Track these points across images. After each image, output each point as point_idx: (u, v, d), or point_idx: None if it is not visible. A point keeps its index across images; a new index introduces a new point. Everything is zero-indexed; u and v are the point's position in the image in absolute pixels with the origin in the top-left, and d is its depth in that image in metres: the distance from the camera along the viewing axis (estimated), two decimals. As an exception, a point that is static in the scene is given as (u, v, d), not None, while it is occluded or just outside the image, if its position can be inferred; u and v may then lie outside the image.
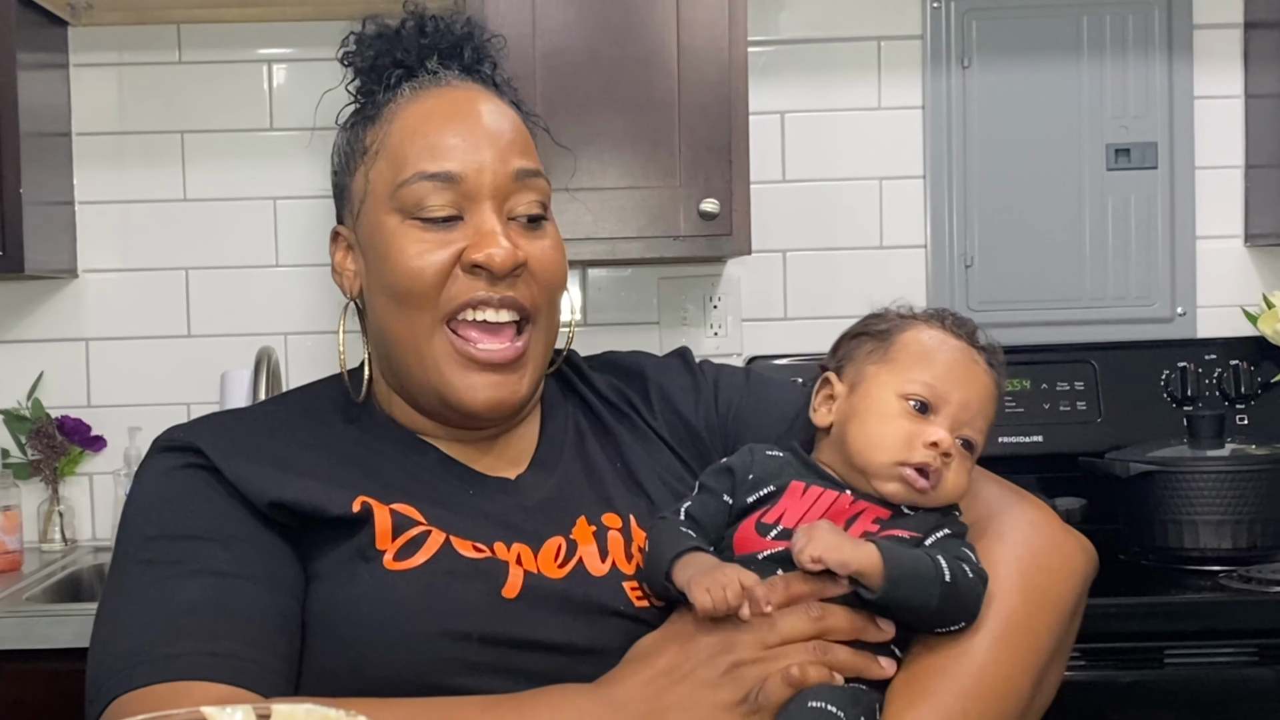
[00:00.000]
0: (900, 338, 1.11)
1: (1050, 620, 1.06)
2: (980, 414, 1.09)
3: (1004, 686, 1.01)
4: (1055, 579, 1.08)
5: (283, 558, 1.05)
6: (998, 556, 1.07)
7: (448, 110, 1.12)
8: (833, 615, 1.00)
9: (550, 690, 0.99)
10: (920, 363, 1.09)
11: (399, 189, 1.10)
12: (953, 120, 2.54)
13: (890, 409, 1.08)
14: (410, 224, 1.09)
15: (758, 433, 1.17)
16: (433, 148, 1.10)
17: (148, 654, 0.97)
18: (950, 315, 1.15)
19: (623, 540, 1.09)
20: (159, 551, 1.04)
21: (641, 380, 1.23)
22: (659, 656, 1.00)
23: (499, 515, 1.09)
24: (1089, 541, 1.15)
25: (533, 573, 1.05)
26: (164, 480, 1.08)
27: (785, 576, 1.02)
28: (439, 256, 1.08)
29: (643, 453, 1.17)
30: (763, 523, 1.06)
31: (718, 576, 0.98)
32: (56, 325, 2.54)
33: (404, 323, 1.10)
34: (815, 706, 0.95)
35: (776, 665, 0.97)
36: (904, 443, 1.06)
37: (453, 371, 1.09)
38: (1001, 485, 1.17)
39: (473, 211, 1.09)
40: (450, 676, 1.00)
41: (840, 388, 1.12)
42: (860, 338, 1.14)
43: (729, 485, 1.08)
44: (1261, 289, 2.48)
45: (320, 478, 1.07)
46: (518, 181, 1.11)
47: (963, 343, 1.12)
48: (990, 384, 1.11)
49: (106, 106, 2.53)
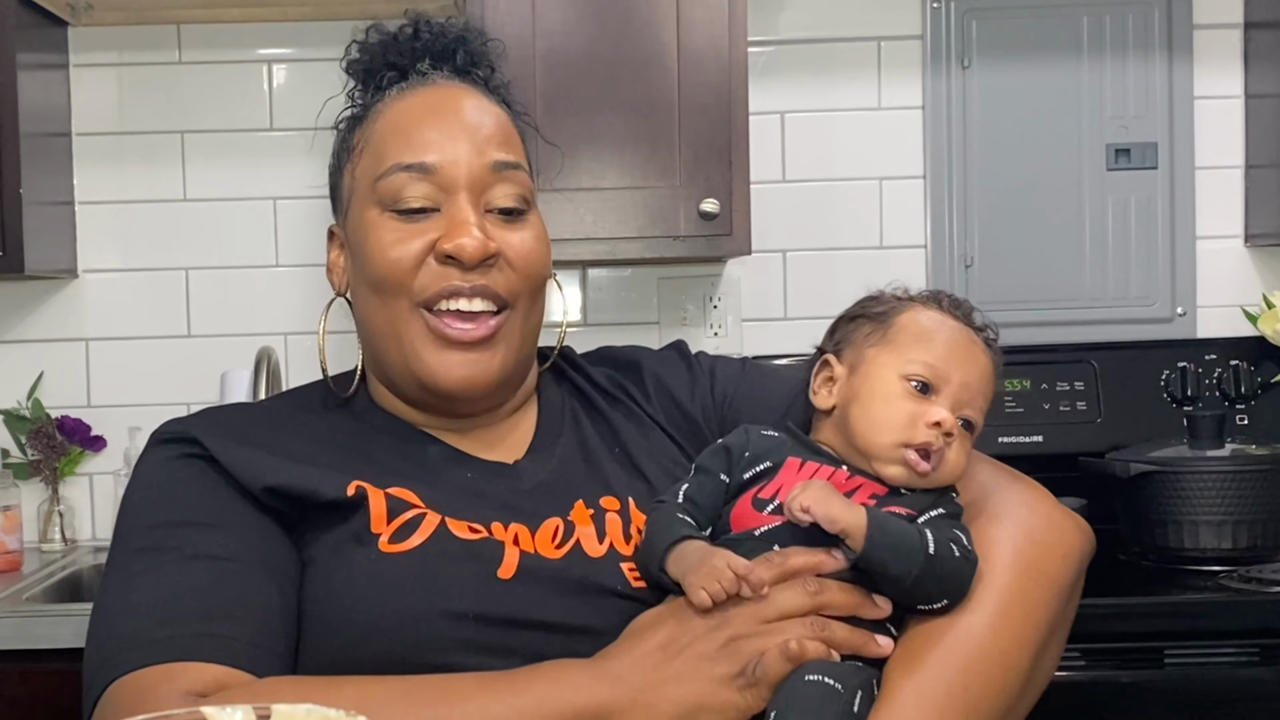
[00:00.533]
0: (898, 319, 1.12)
1: (1046, 595, 1.06)
2: (980, 394, 1.10)
3: (1001, 660, 1.01)
4: (1051, 555, 1.09)
5: (279, 542, 1.06)
6: (993, 535, 1.07)
7: (429, 106, 1.14)
8: (829, 590, 1.01)
9: (547, 665, 0.99)
10: (920, 343, 1.10)
11: (377, 181, 1.11)
12: (953, 120, 2.54)
13: (892, 390, 1.08)
14: (387, 215, 1.11)
15: (753, 418, 1.18)
16: (410, 140, 1.11)
17: (143, 637, 0.98)
18: (947, 296, 1.15)
19: (621, 522, 1.10)
20: (155, 539, 1.04)
21: (637, 370, 1.24)
22: (656, 631, 1.00)
23: (496, 497, 1.10)
24: (1086, 522, 1.15)
25: (529, 553, 1.05)
26: (160, 471, 1.09)
27: (780, 552, 1.02)
28: (413, 247, 1.10)
29: (640, 438, 1.18)
30: (759, 498, 1.07)
31: (709, 570, 0.98)
32: (56, 325, 2.54)
33: (383, 311, 1.12)
34: (813, 680, 0.95)
35: (774, 639, 0.97)
36: (907, 423, 1.06)
37: (426, 351, 1.10)
38: (998, 468, 1.17)
39: (448, 203, 1.11)
40: (447, 656, 1.00)
41: (840, 370, 1.13)
42: (858, 320, 1.15)
43: (725, 464, 1.09)
44: (1261, 289, 2.48)
45: (315, 463, 1.08)
46: (495, 173, 1.12)
47: (960, 323, 1.12)
48: (988, 364, 1.12)
49: (106, 106, 2.53)
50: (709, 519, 1.07)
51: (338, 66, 1.21)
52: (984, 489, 1.13)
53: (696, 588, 0.98)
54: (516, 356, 1.14)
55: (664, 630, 1.00)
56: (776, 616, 0.99)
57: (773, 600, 0.99)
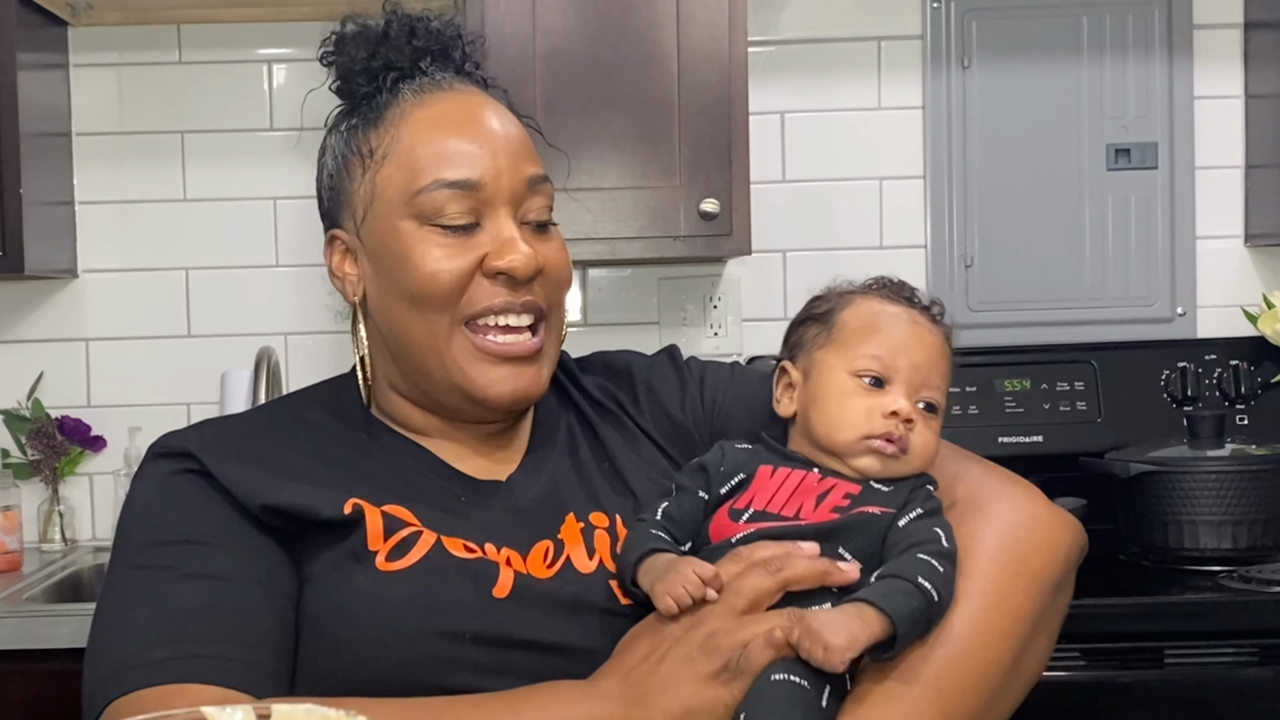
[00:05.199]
0: (840, 316, 1.13)
1: (1030, 589, 1.06)
2: (934, 372, 1.10)
3: (981, 653, 1.01)
4: (1037, 550, 1.08)
5: (276, 560, 1.05)
6: (975, 528, 1.07)
7: (458, 116, 1.13)
8: (792, 565, 1.00)
9: (542, 686, 0.99)
10: (864, 337, 1.10)
11: (416, 196, 1.10)
12: (953, 120, 2.54)
13: (845, 388, 1.09)
14: (429, 229, 1.10)
15: (741, 424, 1.18)
16: (448, 154, 1.11)
17: (142, 658, 0.98)
18: (887, 282, 1.16)
19: (609, 539, 1.10)
20: (153, 557, 1.04)
21: (629, 379, 1.25)
22: (638, 645, 1.01)
23: (490, 519, 1.10)
24: (1077, 520, 1.15)
25: (522, 573, 1.06)
26: (158, 486, 1.09)
27: (746, 547, 1.02)
28: (461, 263, 1.10)
29: (630, 453, 1.19)
30: (735, 509, 1.07)
31: (674, 576, 0.99)
32: (56, 325, 2.54)
33: (422, 325, 1.11)
34: (780, 679, 0.95)
35: (752, 630, 0.97)
36: (864, 417, 1.07)
37: (474, 368, 1.11)
38: (989, 468, 1.17)
39: (490, 218, 1.11)
40: (444, 676, 1.00)
41: (796, 375, 1.14)
42: (806, 323, 1.16)
43: (703, 482, 1.10)
44: (1261, 289, 2.48)
45: (312, 480, 1.08)
46: (531, 188, 1.13)
47: (902, 307, 1.13)
48: (938, 341, 1.12)
49: (106, 106, 2.53)
50: (688, 534, 1.08)
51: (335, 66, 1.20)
52: (971, 488, 1.13)
53: (663, 595, 0.99)
54: (553, 366, 1.16)
55: (645, 642, 1.00)
56: (746, 605, 0.99)
57: (738, 588, 0.99)
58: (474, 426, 1.16)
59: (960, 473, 1.14)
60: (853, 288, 1.17)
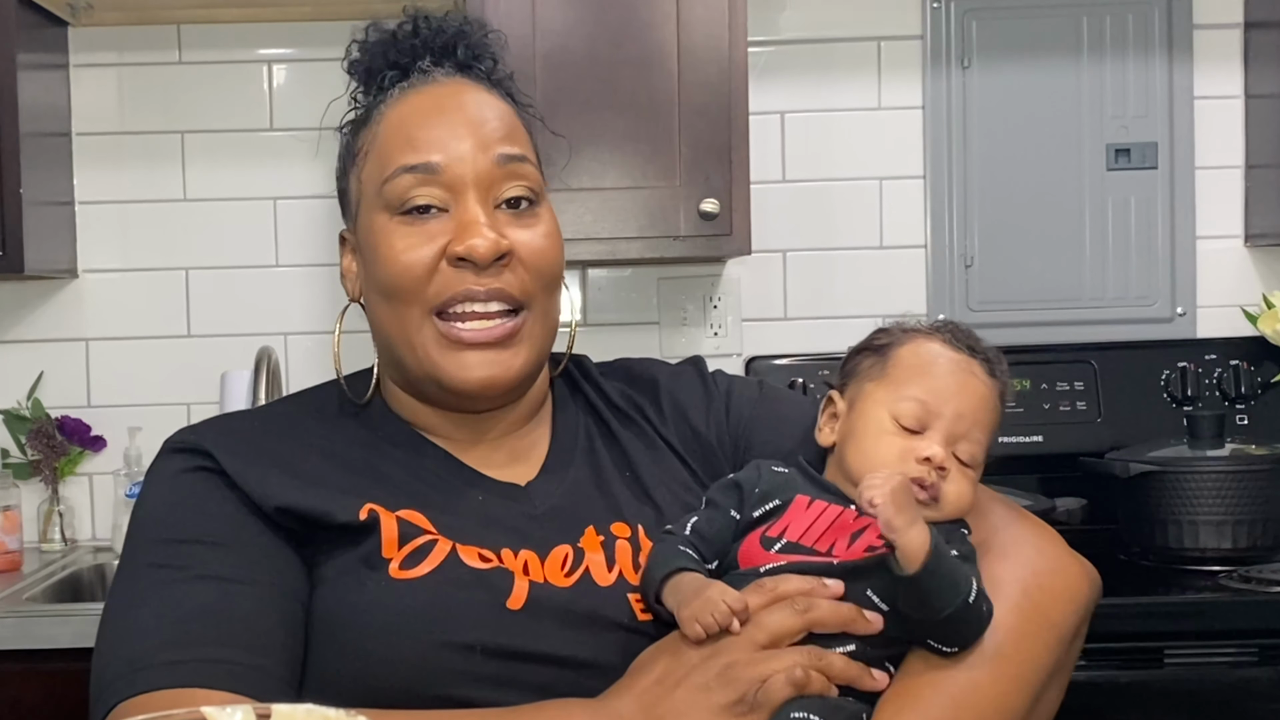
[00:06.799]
0: (897, 353, 1.11)
1: (1049, 639, 1.06)
2: (977, 425, 1.08)
3: (997, 702, 1.00)
4: (1057, 600, 1.08)
5: (288, 563, 1.05)
6: (1000, 574, 1.06)
7: (431, 105, 1.12)
8: (818, 608, 0.99)
9: (551, 704, 0.98)
10: (914, 378, 1.09)
11: (383, 185, 1.09)
12: (953, 120, 2.54)
13: (884, 426, 1.07)
14: (397, 220, 1.09)
15: (768, 446, 1.16)
16: (413, 141, 1.09)
17: (151, 659, 0.97)
18: (952, 327, 1.14)
19: (630, 550, 1.08)
20: (165, 556, 1.04)
21: (654, 388, 1.23)
22: (654, 666, 0.99)
23: (507, 521, 1.09)
24: (1094, 568, 1.15)
25: (538, 582, 1.04)
26: (172, 483, 1.08)
27: (772, 579, 1.01)
28: (424, 252, 1.08)
29: (651, 462, 1.17)
30: (767, 536, 1.05)
31: (703, 602, 0.97)
32: (56, 325, 2.54)
33: (395, 317, 1.10)
34: (798, 717, 0.94)
35: (771, 665, 0.96)
36: (897, 459, 1.05)
37: (444, 356, 1.09)
38: (1009, 506, 1.16)
39: (457, 203, 1.09)
40: (454, 688, 0.99)
41: (841, 406, 1.12)
42: (864, 353, 1.14)
43: (736, 500, 1.08)
44: (1261, 289, 2.48)
45: (328, 483, 1.07)
46: (502, 168, 1.09)
47: (960, 354, 1.10)
48: (988, 393, 1.10)
49: (106, 106, 2.53)
50: (715, 554, 1.06)
51: (338, 66, 1.19)
52: (993, 528, 1.12)
53: (690, 620, 0.97)
54: (538, 358, 1.13)
55: (660, 664, 0.99)
56: (768, 640, 0.98)
57: (762, 622, 0.98)
58: (487, 426, 1.15)
59: (982, 510, 1.12)
60: (919, 326, 1.14)
